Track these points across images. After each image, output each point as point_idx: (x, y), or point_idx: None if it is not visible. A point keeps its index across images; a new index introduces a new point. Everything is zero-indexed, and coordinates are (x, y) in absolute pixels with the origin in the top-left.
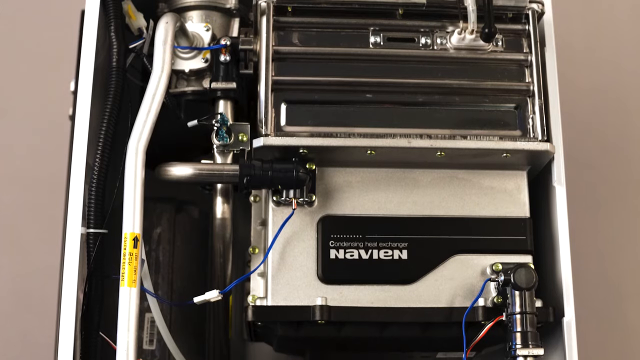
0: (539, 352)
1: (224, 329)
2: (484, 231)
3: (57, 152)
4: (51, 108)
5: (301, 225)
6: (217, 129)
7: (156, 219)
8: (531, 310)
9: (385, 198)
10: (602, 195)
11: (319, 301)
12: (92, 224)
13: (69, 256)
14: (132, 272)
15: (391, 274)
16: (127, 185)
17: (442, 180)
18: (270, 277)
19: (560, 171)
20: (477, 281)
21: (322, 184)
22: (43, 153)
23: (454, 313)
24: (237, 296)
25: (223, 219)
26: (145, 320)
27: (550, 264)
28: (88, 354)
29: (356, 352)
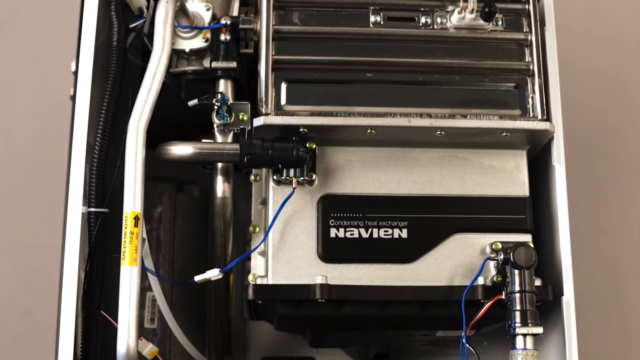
0: (538, 330)
1: (224, 308)
2: (483, 210)
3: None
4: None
5: (301, 204)
6: (218, 108)
7: (157, 198)
8: (530, 288)
9: (386, 177)
10: (601, 175)
11: (319, 280)
12: (93, 203)
13: (70, 235)
14: (133, 250)
15: (391, 252)
16: (128, 165)
17: (442, 159)
18: (271, 256)
19: (559, 150)
20: (477, 260)
21: (322, 163)
22: (45, 133)
23: (453, 291)
24: (238, 275)
25: (224, 198)
26: (146, 299)
27: (550, 243)
28: (89, 333)
29: (356, 330)
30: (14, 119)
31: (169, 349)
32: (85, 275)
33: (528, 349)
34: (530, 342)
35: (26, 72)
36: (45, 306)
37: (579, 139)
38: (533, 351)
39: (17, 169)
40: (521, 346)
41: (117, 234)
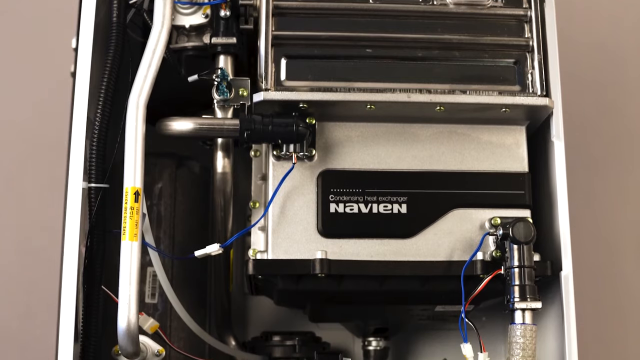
0: (537, 305)
1: (225, 283)
2: (482, 185)
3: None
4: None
5: (301, 180)
6: (218, 83)
7: (157, 174)
8: (529, 263)
9: (385, 152)
10: (599, 151)
11: (319, 255)
12: (94, 179)
13: (71, 210)
14: (134, 226)
15: (390, 227)
16: (128, 140)
17: (442, 134)
18: (271, 231)
19: (558, 126)
20: (476, 235)
21: (322, 138)
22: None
23: (452, 266)
24: (238, 250)
25: (224, 174)
26: (147, 274)
27: (548, 218)
28: (90, 308)
29: (356, 305)
30: (15, 97)
31: (169, 324)
32: (86, 251)
33: (527, 324)
34: (529, 317)
35: (27, 50)
36: (47, 282)
37: (577, 115)
38: (532, 326)
39: (18, 145)
40: (520, 321)
41: (118, 210)
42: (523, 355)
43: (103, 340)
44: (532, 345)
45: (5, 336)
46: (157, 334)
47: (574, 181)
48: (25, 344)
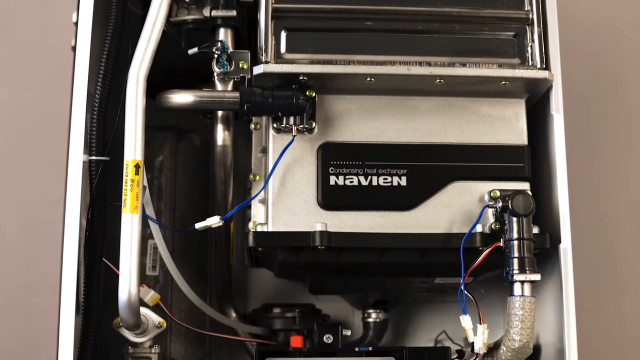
0: (536, 277)
1: (225, 255)
2: (482, 158)
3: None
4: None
5: (301, 152)
6: (218, 56)
7: (158, 147)
8: (528, 236)
9: (385, 125)
10: (598, 124)
11: (319, 227)
12: (94, 152)
13: (72, 183)
14: (134, 198)
15: (390, 200)
16: (128, 112)
17: (441, 107)
18: (271, 204)
19: (558, 99)
20: (475, 207)
21: (322, 111)
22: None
23: (452, 239)
24: (239, 223)
25: (224, 146)
26: (148, 246)
27: (547, 191)
28: (92, 280)
29: (355, 277)
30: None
31: (170, 296)
32: (87, 223)
33: (526, 296)
34: (527, 289)
35: (27, 24)
36: (49, 255)
37: (577, 88)
38: (530, 298)
39: (19, 120)
40: (519, 293)
41: (118, 183)
42: (522, 327)
43: (104, 313)
44: (531, 317)
45: (8, 309)
46: (158, 306)
47: (572, 154)
48: (28, 317)
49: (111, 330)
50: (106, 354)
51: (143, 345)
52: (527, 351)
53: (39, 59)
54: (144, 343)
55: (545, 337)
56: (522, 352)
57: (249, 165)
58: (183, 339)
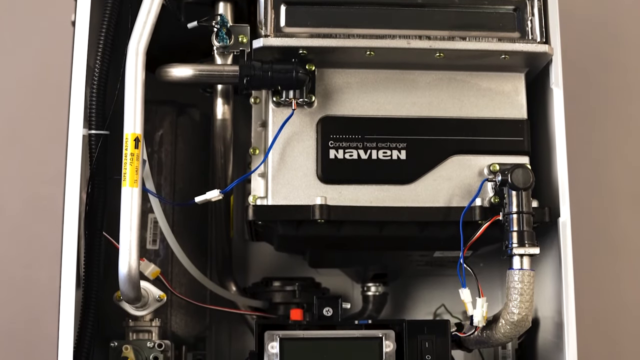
0: (535, 251)
1: (225, 229)
2: (481, 132)
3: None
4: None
5: (301, 126)
6: (217, 30)
7: (158, 121)
8: (528, 210)
9: (384, 99)
10: (597, 98)
11: (319, 200)
12: (94, 126)
13: (72, 157)
14: (134, 172)
15: (390, 173)
16: (128, 86)
17: (441, 81)
18: (271, 177)
19: (557, 73)
20: (475, 181)
21: (321, 85)
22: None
23: (451, 212)
24: (239, 197)
25: (223, 120)
26: (148, 220)
27: (547, 165)
28: (92, 254)
29: (355, 250)
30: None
31: (170, 270)
32: (87, 197)
33: (525, 269)
34: (527, 263)
35: None
36: (50, 230)
37: (576, 63)
38: (530, 271)
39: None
40: (518, 266)
41: (118, 157)
42: (521, 300)
43: (105, 286)
44: (529, 291)
45: (9, 283)
46: (158, 280)
47: (571, 129)
48: (29, 291)
49: (112, 303)
50: (107, 327)
51: (143, 319)
52: (526, 324)
53: (39, 34)
54: (144, 316)
55: (543, 311)
56: (521, 325)
57: (249, 140)
58: (183, 312)
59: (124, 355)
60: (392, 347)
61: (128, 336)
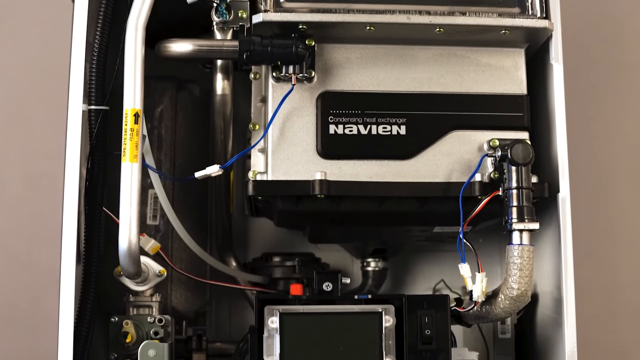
0: (535, 226)
1: (225, 205)
2: (481, 107)
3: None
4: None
5: (301, 101)
6: (217, 5)
7: (158, 97)
8: (527, 185)
9: (384, 74)
10: (597, 74)
11: (318, 176)
12: (94, 101)
13: (71, 132)
14: (134, 147)
15: (389, 149)
16: (127, 61)
17: (441, 57)
18: (270, 153)
19: (557, 49)
20: (474, 157)
21: (321, 60)
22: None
23: (451, 188)
24: (239, 173)
25: (223, 95)
26: (148, 196)
27: (546, 140)
28: (92, 229)
29: (354, 226)
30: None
31: (170, 245)
32: (87, 173)
33: (524, 244)
34: (526, 238)
35: None
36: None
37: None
38: (529, 246)
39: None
40: (517, 242)
41: (118, 132)
42: (520, 275)
43: (105, 262)
44: (529, 266)
45: (10, 259)
46: (158, 255)
47: (571, 104)
48: (30, 267)
49: (112, 279)
50: (107, 302)
51: (144, 294)
52: (525, 299)
53: (39, 10)
54: (144, 291)
55: (543, 286)
56: (520, 301)
57: (249, 116)
58: (184, 287)
59: (124, 330)
60: (391, 322)
61: (128, 311)
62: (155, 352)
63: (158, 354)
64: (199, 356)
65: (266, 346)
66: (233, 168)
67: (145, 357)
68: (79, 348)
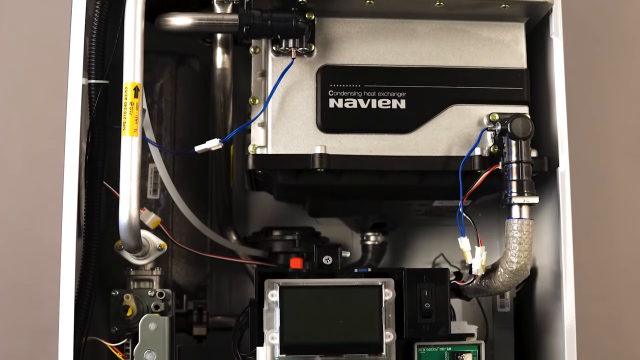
0: (534, 200)
1: (225, 179)
2: (481, 82)
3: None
4: None
5: (300, 75)
6: None
7: (158, 71)
8: (527, 159)
9: (384, 48)
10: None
11: (318, 149)
12: (93, 75)
13: (71, 107)
14: (134, 121)
15: (389, 123)
16: (127, 35)
17: (441, 30)
18: (270, 127)
19: (557, 23)
20: (474, 131)
21: (321, 34)
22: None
23: (450, 162)
24: (239, 147)
25: (223, 69)
26: (148, 170)
27: (546, 115)
28: (93, 203)
29: (354, 200)
30: None
31: (171, 219)
32: (87, 147)
33: (524, 218)
34: (525, 212)
35: None
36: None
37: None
38: (528, 220)
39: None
40: (517, 215)
41: (119, 107)
42: (520, 249)
43: (106, 236)
44: (528, 240)
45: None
46: (159, 229)
47: (571, 79)
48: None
49: (113, 253)
50: (108, 276)
51: (144, 268)
52: (525, 273)
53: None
54: (145, 265)
55: (542, 260)
56: (519, 274)
57: (249, 90)
58: (184, 261)
59: (125, 304)
60: (391, 295)
61: (129, 285)
62: (156, 326)
63: (159, 327)
64: (200, 329)
65: (266, 319)
66: (233, 142)
67: (146, 331)
68: (79, 322)
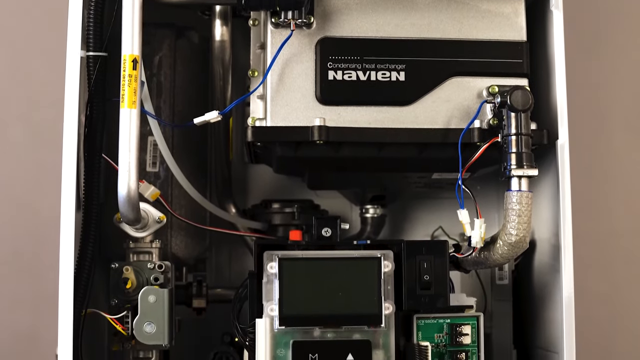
0: (534, 172)
1: (225, 152)
2: (481, 54)
3: None
4: None
5: (300, 47)
6: None
7: (157, 44)
8: (526, 131)
9: (384, 20)
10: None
11: (317, 122)
12: (92, 47)
13: (70, 79)
14: (132, 93)
15: (389, 95)
16: (126, 7)
17: (440, 3)
18: (269, 99)
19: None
20: (474, 103)
21: (320, 5)
22: None
23: (450, 134)
24: (238, 120)
25: (222, 42)
26: (148, 143)
27: (545, 87)
28: (92, 176)
29: (353, 172)
30: None
31: (170, 192)
32: (86, 119)
33: (523, 191)
34: (525, 184)
35: None
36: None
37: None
38: (528, 193)
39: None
40: (516, 188)
41: (117, 80)
42: (519, 221)
43: (105, 209)
44: (527, 212)
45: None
46: (158, 202)
47: (570, 51)
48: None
49: (112, 225)
50: (107, 249)
51: (144, 240)
52: (524, 245)
53: None
54: (144, 238)
55: (540, 233)
56: (518, 247)
57: (248, 63)
58: (184, 234)
59: (124, 277)
60: (390, 267)
61: (128, 257)
62: (156, 298)
63: (158, 299)
64: (199, 302)
65: (265, 291)
66: (232, 115)
67: (146, 303)
68: (79, 294)
